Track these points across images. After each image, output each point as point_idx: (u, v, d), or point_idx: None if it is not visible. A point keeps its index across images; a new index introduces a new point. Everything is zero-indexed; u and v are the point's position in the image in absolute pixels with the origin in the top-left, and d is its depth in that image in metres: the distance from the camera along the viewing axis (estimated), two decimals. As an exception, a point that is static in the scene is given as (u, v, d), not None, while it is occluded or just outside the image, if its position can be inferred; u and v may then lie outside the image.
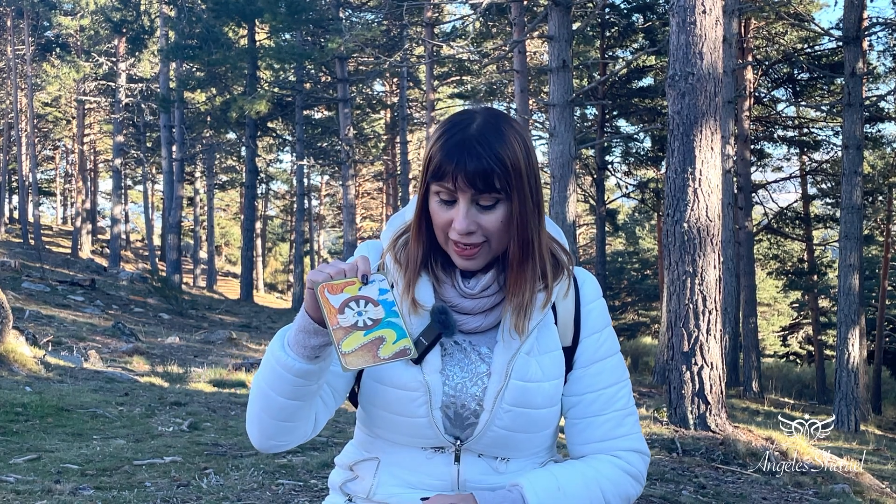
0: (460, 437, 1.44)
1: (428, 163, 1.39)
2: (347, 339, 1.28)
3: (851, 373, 13.15)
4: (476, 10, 15.24)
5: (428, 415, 1.42)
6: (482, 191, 1.35)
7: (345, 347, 1.27)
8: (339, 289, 1.31)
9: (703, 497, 5.06)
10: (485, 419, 1.42)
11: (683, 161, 7.00)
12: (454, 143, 1.36)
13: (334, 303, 1.30)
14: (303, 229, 29.84)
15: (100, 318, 15.55)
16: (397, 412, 1.42)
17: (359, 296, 1.31)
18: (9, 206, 42.20)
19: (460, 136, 1.37)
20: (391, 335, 1.29)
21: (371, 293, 1.32)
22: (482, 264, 1.42)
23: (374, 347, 1.28)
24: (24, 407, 6.23)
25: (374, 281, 1.33)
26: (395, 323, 1.30)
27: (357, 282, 1.32)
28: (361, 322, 1.29)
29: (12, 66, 31.87)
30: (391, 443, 1.47)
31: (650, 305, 32.17)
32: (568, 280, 1.49)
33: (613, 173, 24.96)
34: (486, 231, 1.38)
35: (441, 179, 1.36)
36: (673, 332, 7.01)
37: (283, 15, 21.95)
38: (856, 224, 13.53)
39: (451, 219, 1.37)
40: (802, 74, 21.20)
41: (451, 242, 1.39)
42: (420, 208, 1.43)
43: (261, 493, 4.27)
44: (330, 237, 48.55)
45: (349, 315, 1.30)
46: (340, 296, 1.31)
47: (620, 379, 1.50)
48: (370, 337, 1.29)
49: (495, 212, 1.37)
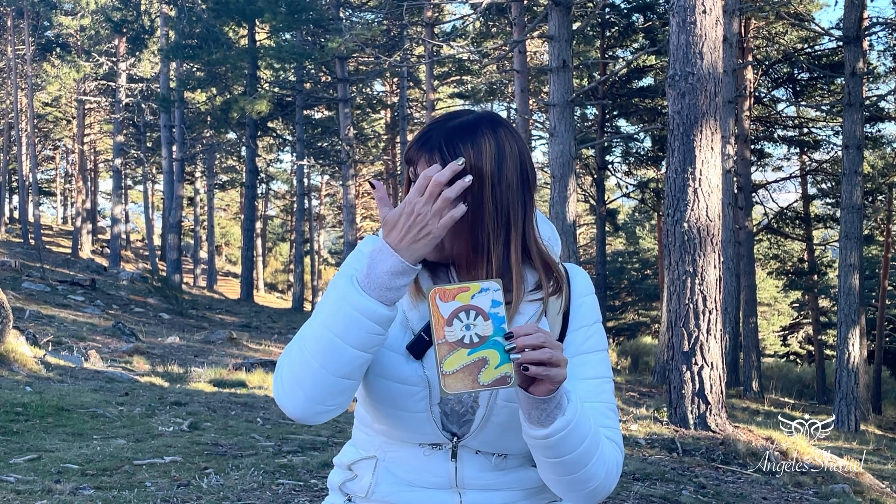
0: (457, 434, 1.44)
1: (406, 148, 1.46)
2: (450, 358, 1.20)
3: (851, 373, 13.15)
4: (476, 10, 15.24)
5: (427, 410, 1.42)
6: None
7: (446, 367, 1.20)
8: (451, 295, 1.23)
9: (703, 497, 5.06)
10: (481, 415, 1.42)
11: (683, 161, 7.00)
12: (423, 131, 1.43)
13: (444, 312, 1.22)
14: (303, 229, 29.85)
15: (100, 318, 15.56)
16: (397, 406, 1.42)
17: (470, 305, 1.23)
18: (9, 206, 42.21)
19: (431, 125, 1.43)
20: (495, 358, 1.21)
21: (483, 304, 1.23)
22: (434, 257, 1.42)
23: (475, 370, 1.20)
24: (24, 407, 6.24)
25: (487, 289, 1.24)
26: (500, 343, 1.22)
27: (471, 287, 1.23)
28: (468, 338, 1.22)
29: (12, 66, 31.86)
30: (389, 440, 1.48)
31: (650, 305, 32.17)
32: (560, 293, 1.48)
33: (613, 173, 24.97)
34: None
35: (409, 164, 1.43)
36: (673, 331, 7.01)
37: (284, 15, 21.95)
38: (856, 224, 13.54)
39: None
40: (802, 74, 21.21)
41: None
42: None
43: (261, 493, 4.27)
44: (330, 237, 48.54)
45: (457, 328, 1.22)
46: (451, 304, 1.22)
47: (604, 374, 1.48)
48: (473, 357, 1.21)
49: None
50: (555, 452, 1.33)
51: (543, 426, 1.31)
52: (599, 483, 1.39)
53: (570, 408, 1.31)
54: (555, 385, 1.27)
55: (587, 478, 1.37)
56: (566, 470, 1.36)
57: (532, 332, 1.24)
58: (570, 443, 1.32)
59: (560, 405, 1.30)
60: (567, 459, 1.34)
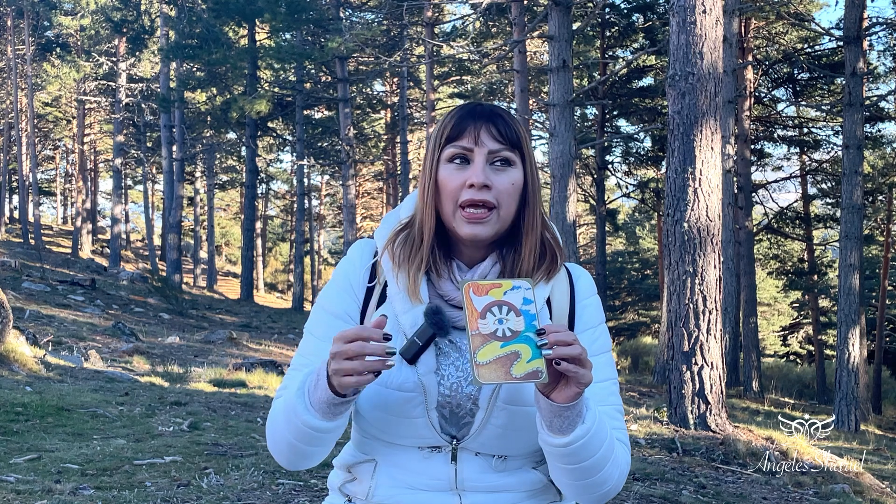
0: (456, 436, 1.43)
1: (441, 132, 1.44)
2: (484, 349, 1.22)
3: (852, 372, 13.15)
4: (476, 10, 15.24)
5: (424, 415, 1.41)
6: (503, 145, 1.41)
7: (480, 357, 1.22)
8: (484, 290, 1.26)
9: (703, 497, 5.06)
10: (480, 418, 1.41)
11: (684, 161, 7.00)
12: (470, 109, 1.45)
13: (477, 305, 1.25)
14: (303, 229, 29.83)
15: (100, 318, 15.55)
16: (392, 413, 1.41)
17: (503, 301, 1.26)
18: (9, 206, 42.19)
19: (474, 106, 1.46)
20: (526, 352, 1.24)
21: (515, 300, 1.26)
22: (489, 233, 1.42)
23: (508, 363, 1.22)
24: (24, 407, 6.23)
25: (518, 287, 1.27)
26: (532, 339, 1.24)
27: (503, 284, 1.27)
28: (501, 332, 1.24)
29: (12, 66, 31.85)
30: (387, 443, 1.47)
31: (650, 305, 32.15)
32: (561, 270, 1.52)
33: (613, 173, 24.97)
34: (497, 192, 1.40)
35: (458, 139, 1.41)
36: (673, 331, 7.01)
37: (284, 15, 21.95)
38: (856, 224, 13.53)
39: (465, 179, 1.40)
40: (802, 74, 21.21)
41: (460, 210, 1.41)
42: (432, 183, 1.44)
43: (261, 493, 4.27)
44: (330, 237, 48.54)
45: (490, 321, 1.24)
46: (485, 298, 1.25)
47: (611, 376, 1.49)
48: (506, 350, 1.23)
49: (508, 173, 1.42)
50: (573, 459, 1.34)
51: (564, 434, 1.31)
52: (613, 485, 1.41)
53: (590, 415, 1.32)
54: (581, 387, 1.27)
55: (602, 481, 1.38)
56: (583, 475, 1.37)
57: (563, 329, 1.27)
58: (589, 450, 1.33)
59: (580, 413, 1.31)
60: (584, 465, 1.35)
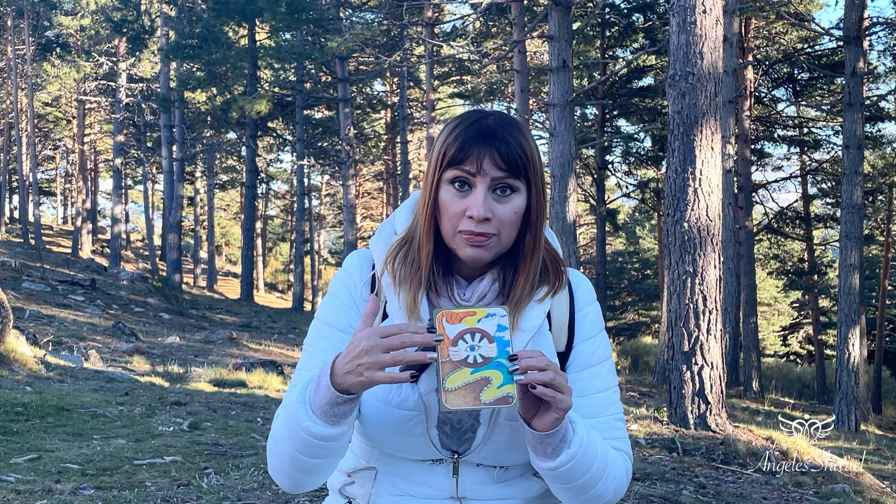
0: (458, 451, 1.43)
1: (443, 152, 1.36)
2: (453, 376, 1.24)
3: (852, 372, 13.15)
4: (476, 10, 15.24)
5: (424, 433, 1.40)
6: (506, 173, 1.34)
7: (449, 384, 1.23)
8: (458, 318, 1.27)
9: (703, 497, 5.06)
10: (482, 434, 1.41)
11: (684, 161, 7.00)
12: (476, 130, 1.35)
13: (450, 333, 1.25)
14: (303, 229, 29.83)
15: (100, 318, 15.55)
16: (392, 430, 1.40)
17: (476, 328, 1.26)
18: (9, 206, 42.20)
19: (479, 125, 1.36)
20: (497, 378, 1.24)
21: (489, 327, 1.26)
22: (489, 256, 1.38)
23: (477, 389, 1.24)
24: (24, 407, 6.23)
25: (493, 315, 1.27)
26: (504, 364, 1.25)
27: (478, 312, 1.27)
28: (472, 358, 1.25)
29: (12, 66, 31.85)
30: (388, 455, 1.46)
31: (650, 305, 32.17)
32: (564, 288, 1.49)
33: (614, 173, 24.97)
34: (499, 222, 1.35)
35: (461, 163, 1.34)
36: (673, 331, 7.01)
37: (284, 14, 21.94)
38: (856, 224, 13.53)
39: (466, 207, 1.34)
40: (803, 74, 21.22)
41: (460, 233, 1.36)
42: (431, 203, 1.38)
43: (261, 493, 4.27)
44: (330, 237, 48.53)
45: (461, 348, 1.25)
46: (457, 326, 1.26)
47: (612, 385, 1.49)
48: (476, 376, 1.24)
49: (511, 201, 1.36)
50: (563, 480, 1.36)
51: (550, 459, 1.32)
52: (609, 498, 1.42)
53: (576, 440, 1.32)
54: (560, 413, 1.27)
55: (597, 496, 1.39)
56: (576, 492, 1.38)
57: (536, 355, 1.25)
58: (578, 471, 1.34)
59: (565, 438, 1.31)
60: (576, 485, 1.36)
